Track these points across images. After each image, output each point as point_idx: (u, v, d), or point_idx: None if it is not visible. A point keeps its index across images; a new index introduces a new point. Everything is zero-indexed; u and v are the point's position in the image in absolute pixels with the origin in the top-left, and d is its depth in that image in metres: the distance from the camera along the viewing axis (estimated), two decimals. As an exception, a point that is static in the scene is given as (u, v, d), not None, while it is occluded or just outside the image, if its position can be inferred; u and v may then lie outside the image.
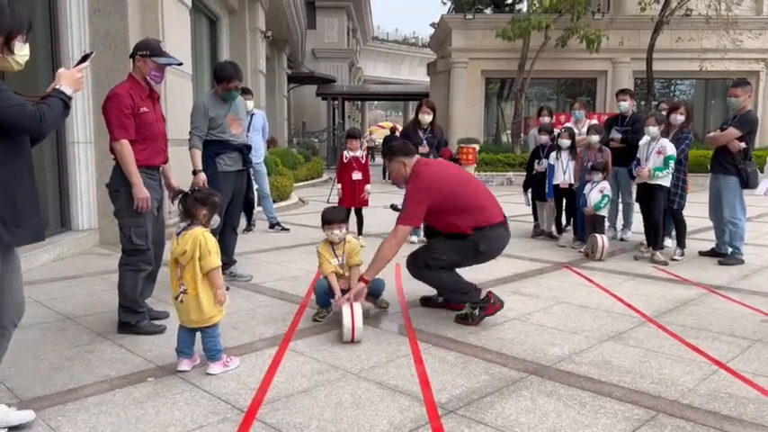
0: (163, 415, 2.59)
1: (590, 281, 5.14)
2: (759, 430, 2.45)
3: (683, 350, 3.40)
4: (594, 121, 8.23)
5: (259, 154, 7.83)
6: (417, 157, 4.03)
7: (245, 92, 7.85)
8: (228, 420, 2.54)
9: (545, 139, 7.25)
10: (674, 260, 5.87)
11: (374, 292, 4.10)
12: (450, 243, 3.91)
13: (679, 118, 6.04)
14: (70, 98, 2.52)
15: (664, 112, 6.40)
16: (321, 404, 2.70)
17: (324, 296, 3.96)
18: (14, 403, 2.63)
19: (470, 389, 2.88)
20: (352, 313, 3.45)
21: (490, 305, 3.83)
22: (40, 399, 2.75)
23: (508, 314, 4.13)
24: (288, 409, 2.66)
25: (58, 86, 2.52)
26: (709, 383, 2.93)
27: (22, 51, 2.42)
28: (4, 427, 2.45)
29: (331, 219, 3.97)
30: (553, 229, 7.31)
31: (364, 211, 7.14)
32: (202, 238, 3.02)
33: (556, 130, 7.40)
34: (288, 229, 7.92)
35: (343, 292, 3.86)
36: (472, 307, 3.84)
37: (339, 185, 6.92)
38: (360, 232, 6.93)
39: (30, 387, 2.88)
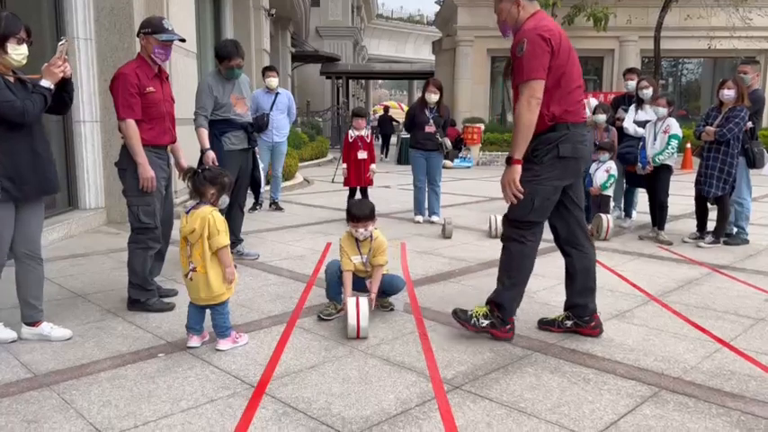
0: (174, 389, 2.65)
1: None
2: (760, 407, 2.49)
3: (687, 328, 3.43)
4: (596, 101, 8.18)
5: (282, 134, 7.81)
6: (537, 5, 3.21)
7: (270, 69, 7.80)
8: (239, 395, 2.59)
9: (551, 118, 7.21)
10: (700, 247, 5.64)
11: (389, 291, 3.75)
12: (522, 176, 3.10)
13: (726, 93, 5.51)
14: (50, 90, 3.11)
15: (645, 91, 6.26)
16: (329, 379, 2.75)
17: (335, 284, 3.65)
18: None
19: (475, 365, 2.92)
20: (357, 310, 3.25)
21: (505, 329, 3.24)
22: (54, 373, 2.81)
23: (513, 293, 4.16)
24: (296, 384, 2.71)
25: (40, 82, 3.09)
26: (711, 361, 2.97)
27: (16, 52, 3.02)
28: (47, 339, 3.22)
29: (357, 215, 3.57)
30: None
31: (369, 190, 7.15)
32: (211, 217, 3.04)
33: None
34: (282, 209, 7.92)
35: (359, 290, 3.67)
36: (485, 314, 3.24)
37: (344, 165, 6.93)
38: (365, 212, 6.95)
39: (43, 362, 2.94)
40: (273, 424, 2.34)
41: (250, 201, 7.17)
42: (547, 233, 6.21)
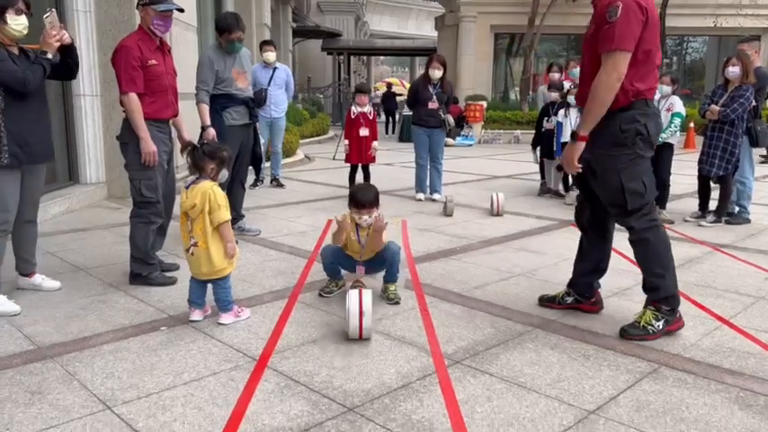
0: (177, 362, 2.66)
1: (596, 238, 5.16)
2: (759, 383, 2.51)
3: (687, 306, 3.43)
4: None
5: (280, 109, 7.74)
6: None
7: (267, 43, 7.70)
8: (241, 368, 2.61)
9: (554, 95, 7.17)
10: (701, 226, 5.63)
11: (387, 259, 3.50)
12: (611, 163, 2.94)
13: (731, 70, 5.44)
14: (48, 60, 3.27)
15: (576, 70, 6.18)
16: (330, 353, 2.77)
17: (331, 264, 3.57)
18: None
19: (476, 341, 2.94)
20: (360, 308, 2.82)
21: (677, 319, 3.03)
22: (57, 345, 2.83)
23: (514, 270, 4.18)
24: (298, 357, 2.72)
25: (40, 53, 3.25)
26: (711, 338, 2.98)
27: (15, 22, 3.13)
28: (39, 289, 3.57)
29: (362, 200, 3.37)
30: (560, 187, 7.30)
31: (371, 167, 7.13)
32: (211, 192, 3.03)
33: (566, 84, 7.30)
34: (283, 186, 7.90)
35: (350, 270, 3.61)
36: (656, 316, 2.98)
37: (347, 141, 6.90)
38: (366, 188, 6.93)
39: (46, 334, 2.96)
40: (276, 396, 2.36)
41: (251, 177, 7.15)
42: (541, 211, 6.18)
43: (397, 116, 20.26)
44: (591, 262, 3.32)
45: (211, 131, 4.60)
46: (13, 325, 3.07)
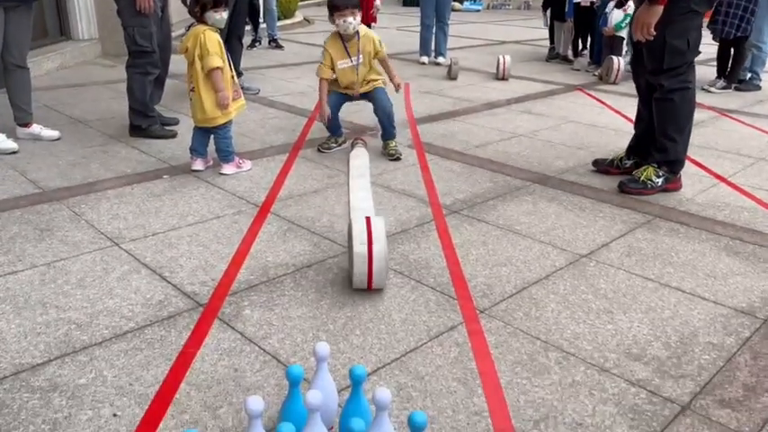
0: (180, 206, 2.72)
1: (601, 102, 5.08)
2: (749, 234, 2.57)
3: (687, 165, 3.42)
4: None
5: None
6: None
7: None
8: (244, 213, 2.67)
9: (570, -49, 6.71)
10: (710, 92, 5.47)
11: (382, 116, 3.49)
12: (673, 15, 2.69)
13: None
14: None
15: None
16: (332, 202, 2.82)
17: (334, 118, 3.49)
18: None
19: (474, 194, 2.98)
20: (369, 252, 1.93)
21: (676, 179, 3.04)
22: (62, 189, 2.87)
23: (516, 131, 4.15)
24: (300, 205, 2.78)
25: None
26: (707, 194, 3.02)
27: None
28: (39, 138, 3.57)
29: (341, 2, 3.25)
30: (569, 52, 7.06)
31: (374, 29, 6.84)
32: (202, 36, 2.95)
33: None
34: (282, 47, 7.62)
35: (351, 98, 3.52)
36: (656, 173, 2.97)
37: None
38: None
39: (50, 179, 2.99)
40: (279, 238, 2.43)
41: (248, 39, 6.90)
42: (548, 76, 6.01)
43: None
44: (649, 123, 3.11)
45: None
46: (16, 170, 3.10)
